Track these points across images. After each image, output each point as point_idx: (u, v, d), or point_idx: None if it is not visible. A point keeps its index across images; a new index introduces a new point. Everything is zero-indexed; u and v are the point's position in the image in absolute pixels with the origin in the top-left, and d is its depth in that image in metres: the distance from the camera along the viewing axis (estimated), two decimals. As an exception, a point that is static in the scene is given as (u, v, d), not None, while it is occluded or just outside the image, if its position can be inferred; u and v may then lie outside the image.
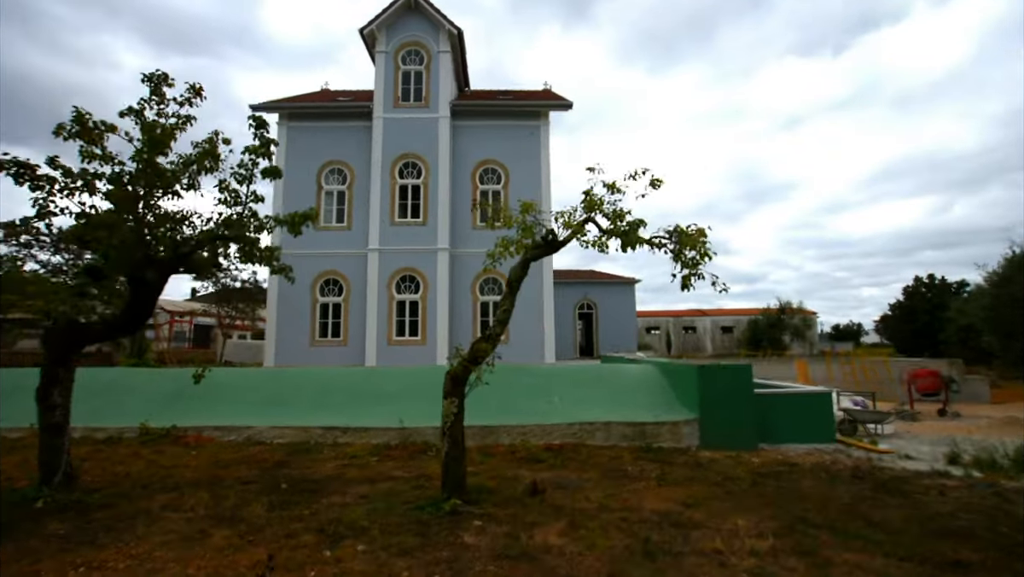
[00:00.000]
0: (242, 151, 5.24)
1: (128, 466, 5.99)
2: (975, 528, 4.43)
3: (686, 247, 4.67)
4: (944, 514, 4.80)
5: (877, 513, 4.82)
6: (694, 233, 4.72)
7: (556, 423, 7.79)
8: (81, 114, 4.64)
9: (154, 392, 8.70)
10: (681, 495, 5.29)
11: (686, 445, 7.77)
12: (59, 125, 4.54)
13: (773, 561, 3.69)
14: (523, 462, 6.65)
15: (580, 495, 5.24)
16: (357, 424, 7.72)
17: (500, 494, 5.15)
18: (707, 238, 5.02)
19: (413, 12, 17.76)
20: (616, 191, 5.04)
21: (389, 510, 4.58)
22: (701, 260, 4.68)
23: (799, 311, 32.17)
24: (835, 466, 6.80)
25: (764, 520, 4.55)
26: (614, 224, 4.88)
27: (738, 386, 7.92)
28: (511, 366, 11.06)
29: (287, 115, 17.52)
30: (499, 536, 4.04)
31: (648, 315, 54.98)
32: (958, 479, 6.13)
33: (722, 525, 4.41)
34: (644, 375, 9.45)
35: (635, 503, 5.01)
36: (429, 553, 3.70)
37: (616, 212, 4.91)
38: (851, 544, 4.04)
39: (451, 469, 4.80)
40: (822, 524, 4.47)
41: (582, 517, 4.53)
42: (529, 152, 17.82)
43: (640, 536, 4.12)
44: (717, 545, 3.94)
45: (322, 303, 16.86)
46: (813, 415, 8.40)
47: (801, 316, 31.73)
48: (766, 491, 5.52)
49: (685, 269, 4.71)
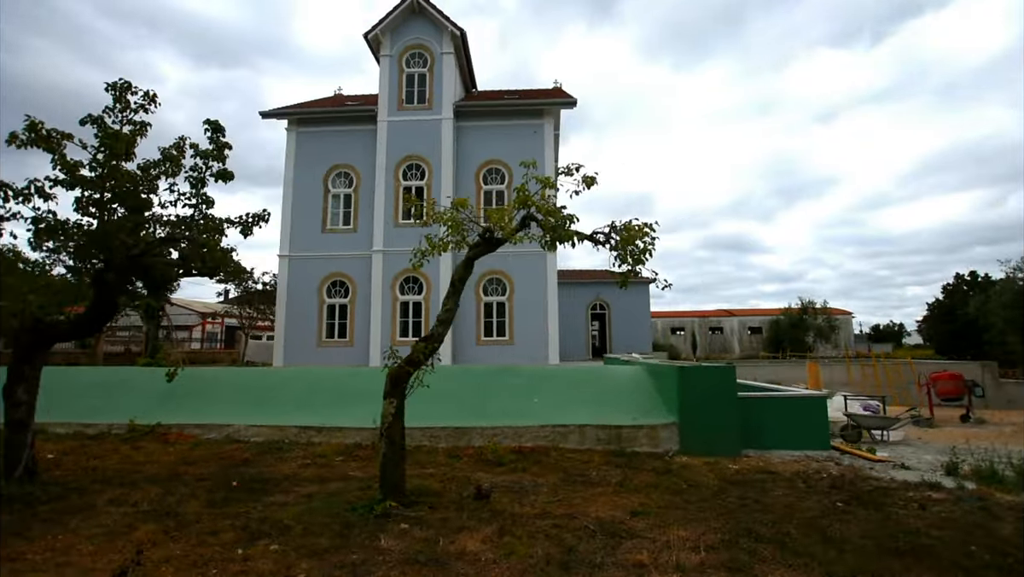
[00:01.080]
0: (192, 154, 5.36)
1: (102, 461, 6.22)
2: (942, 546, 4.07)
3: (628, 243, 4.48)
4: (913, 530, 4.43)
5: (839, 527, 4.49)
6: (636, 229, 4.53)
7: (529, 425, 7.65)
8: (34, 123, 4.84)
9: (148, 390, 9.03)
10: (633, 503, 5.09)
11: (664, 450, 7.49)
12: (12, 134, 4.75)
13: (693, 575, 3.48)
14: (486, 465, 6.55)
15: (527, 500, 5.11)
16: (332, 424, 7.80)
17: (444, 497, 5.08)
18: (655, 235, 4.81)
19: (416, 16, 17.91)
20: (551, 186, 4.89)
21: (323, 511, 4.58)
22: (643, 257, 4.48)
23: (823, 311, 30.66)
24: (818, 475, 6.41)
25: (709, 532, 4.31)
26: (547, 219, 4.73)
27: (721, 389, 7.58)
28: (495, 367, 10.99)
29: (295, 121, 17.98)
30: (418, 540, 3.97)
31: (672, 315, 53.78)
32: (947, 491, 5.67)
33: (660, 536, 4.20)
34: (631, 377, 9.19)
35: (581, 510, 4.84)
36: (338, 556, 3.67)
37: (548, 208, 4.77)
38: (792, 560, 3.77)
39: (388, 471, 4.76)
40: (771, 538, 4.20)
41: (516, 523, 4.41)
42: (532, 151, 17.67)
43: (566, 545, 3.97)
44: (642, 558, 3.75)
45: (329, 304, 17.20)
46: (806, 420, 7.97)
47: (825, 316, 30.20)
48: (727, 501, 5.24)
49: (625, 265, 4.52)
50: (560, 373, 9.64)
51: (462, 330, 16.93)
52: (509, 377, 9.32)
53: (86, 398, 8.67)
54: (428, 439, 7.62)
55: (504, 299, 17.12)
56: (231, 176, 5.57)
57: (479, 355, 16.66)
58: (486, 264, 17.42)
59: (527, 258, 17.11)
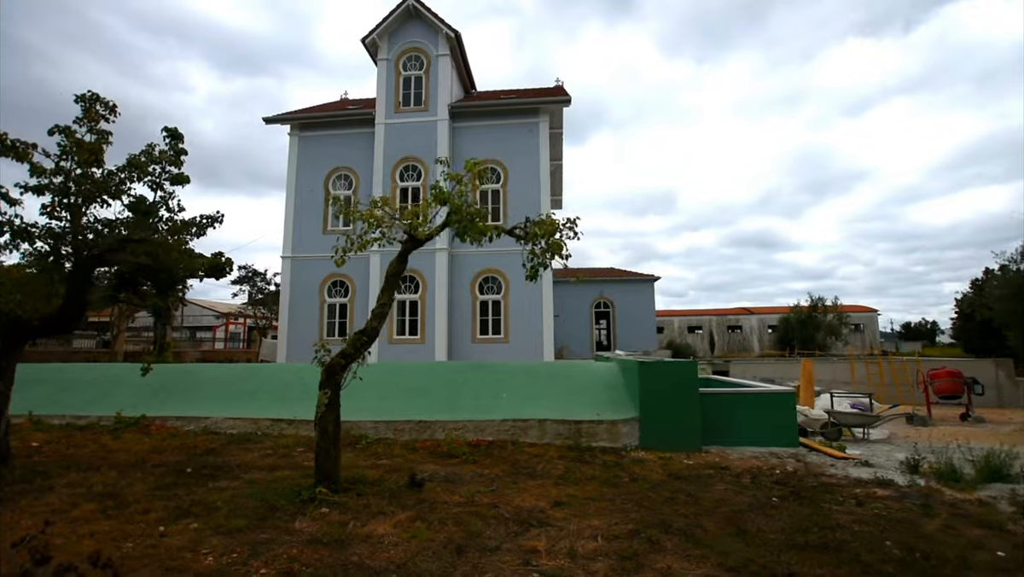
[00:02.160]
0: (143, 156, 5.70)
1: (79, 450, 6.66)
2: (856, 541, 4.03)
3: (543, 237, 4.57)
4: (834, 525, 4.38)
5: (759, 521, 4.49)
6: (550, 223, 4.61)
7: (491, 420, 7.79)
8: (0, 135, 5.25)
9: (139, 386, 9.49)
10: (563, 494, 5.17)
11: (623, 445, 7.51)
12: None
13: (582, 563, 3.57)
14: (440, 457, 6.72)
15: (460, 490, 5.25)
16: (302, 417, 8.08)
17: (379, 486, 5.26)
18: (578, 229, 4.88)
19: (413, 19, 18.23)
20: (463, 184, 5.01)
21: (257, 496, 4.83)
22: (554, 252, 4.56)
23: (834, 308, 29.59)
24: (770, 471, 6.34)
25: (622, 523, 4.37)
26: (459, 215, 4.86)
27: (681, 385, 7.56)
28: (469, 364, 11.15)
29: (298, 126, 18.54)
30: (331, 524, 4.16)
31: (690, 314, 52.94)
32: (895, 488, 5.55)
33: (570, 525, 4.28)
34: (601, 374, 9.21)
35: (507, 500, 4.96)
36: (248, 535, 3.89)
37: (458, 204, 4.89)
38: (692, 551, 3.81)
39: (320, 459, 4.98)
40: (682, 529, 4.23)
41: (434, 510, 4.56)
42: (527, 150, 17.79)
43: (472, 531, 4.10)
44: (539, 544, 3.85)
45: (329, 304, 17.69)
46: (773, 417, 7.86)
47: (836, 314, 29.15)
48: (661, 494, 5.26)
49: (535, 259, 4.61)
50: (532, 369, 9.73)
51: (458, 328, 17.17)
52: (481, 373, 9.46)
53: (81, 392, 9.22)
54: (392, 432, 7.84)
55: (500, 297, 17.27)
56: (187, 180, 5.89)
57: (475, 353, 16.85)
58: (482, 263, 17.62)
59: (522, 256, 17.20)
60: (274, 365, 11.39)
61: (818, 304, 29.84)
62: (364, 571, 3.39)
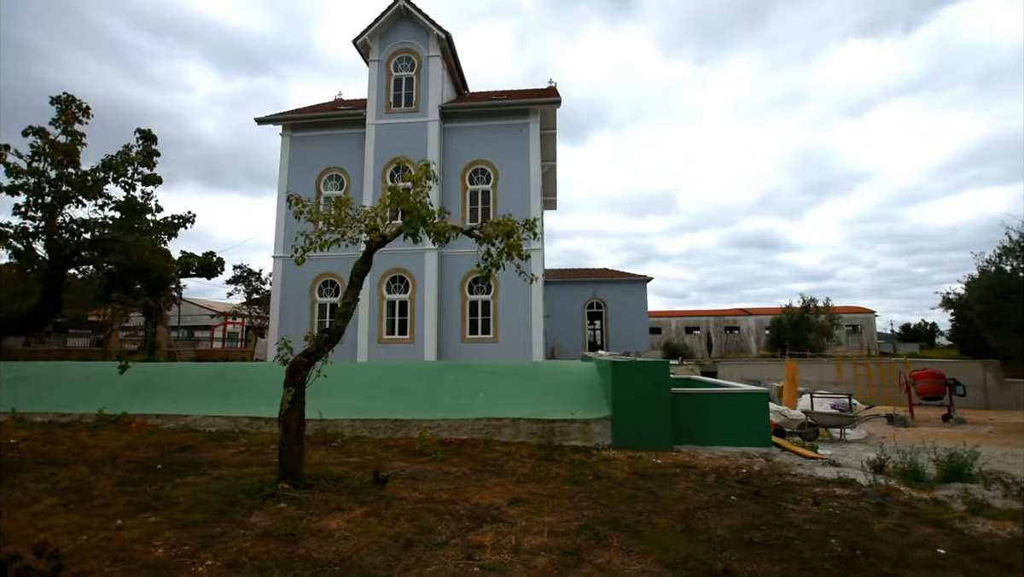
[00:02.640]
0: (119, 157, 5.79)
1: (55, 446, 6.76)
2: (801, 539, 4.10)
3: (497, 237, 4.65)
4: (786, 524, 4.44)
5: (711, 519, 4.55)
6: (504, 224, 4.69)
7: (466, 418, 7.87)
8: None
9: (125, 383, 9.60)
10: (523, 492, 5.25)
11: (595, 444, 7.59)
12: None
13: (525, 558, 3.64)
14: (410, 455, 6.80)
15: (422, 487, 5.33)
16: (282, 415, 8.19)
17: (343, 482, 5.35)
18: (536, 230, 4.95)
19: (404, 20, 18.34)
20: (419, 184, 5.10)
21: (220, 491, 4.92)
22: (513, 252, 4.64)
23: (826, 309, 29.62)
24: (737, 470, 6.41)
25: (574, 519, 4.44)
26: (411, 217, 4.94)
27: (653, 384, 7.63)
28: (450, 364, 11.23)
29: (290, 126, 18.66)
30: (286, 518, 4.25)
31: (688, 315, 53.00)
32: (855, 488, 5.62)
33: (522, 522, 4.36)
34: (578, 374, 9.29)
35: (466, 497, 5.04)
36: (203, 528, 3.98)
37: (412, 204, 4.97)
38: (636, 547, 3.88)
39: (284, 455, 5.07)
40: (631, 526, 4.31)
41: (391, 506, 4.64)
42: (518, 151, 17.87)
43: (424, 526, 4.18)
44: (485, 540, 3.93)
45: (320, 303, 17.80)
46: (746, 417, 7.92)
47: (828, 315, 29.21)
48: (622, 492, 5.34)
49: (488, 259, 4.69)
50: (512, 369, 9.81)
51: (448, 328, 17.25)
52: (461, 373, 9.55)
53: (66, 390, 9.33)
54: (369, 430, 7.93)
55: (489, 297, 17.35)
56: (159, 180, 5.99)
57: (464, 353, 16.93)
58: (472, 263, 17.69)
59: (512, 257, 17.29)
60: (257, 364, 11.49)
61: (810, 305, 29.90)
62: (309, 563, 3.47)
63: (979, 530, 4.28)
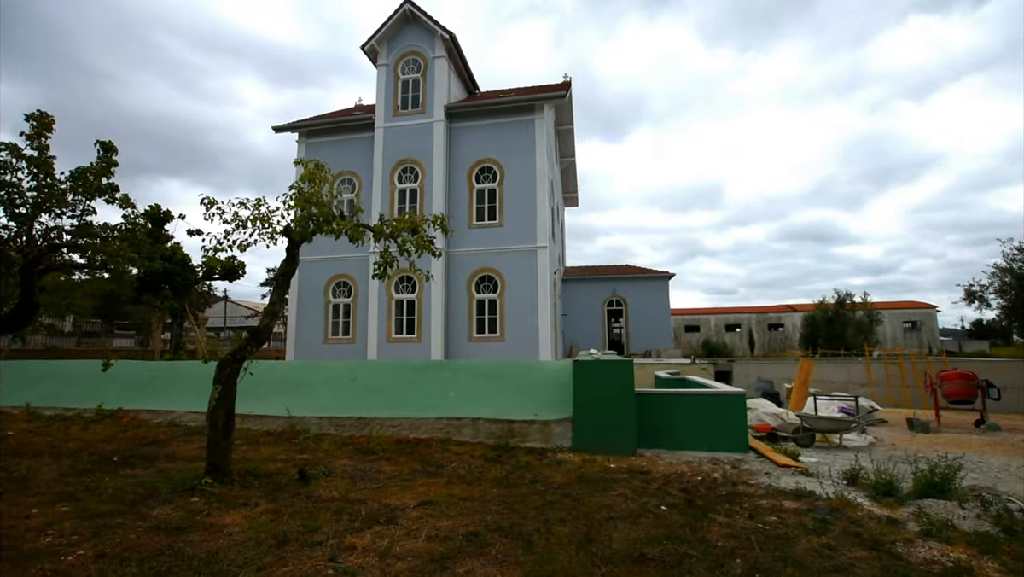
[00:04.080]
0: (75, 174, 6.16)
1: (41, 438, 7.30)
2: (703, 558, 3.76)
3: (397, 233, 4.56)
4: (700, 540, 4.08)
5: (621, 531, 4.25)
6: (405, 220, 4.60)
7: (427, 417, 7.83)
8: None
9: (132, 381, 10.29)
10: (443, 494, 5.14)
11: (554, 446, 7.35)
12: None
13: (388, 563, 3.55)
14: (360, 454, 6.84)
15: (344, 485, 5.32)
16: (259, 412, 8.48)
17: (270, 479, 5.44)
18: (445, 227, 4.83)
19: (410, 23, 18.56)
20: (316, 184, 5.06)
21: (150, 484, 5.12)
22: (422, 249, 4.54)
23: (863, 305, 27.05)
24: (691, 477, 6.01)
25: (472, 524, 4.28)
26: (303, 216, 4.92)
27: (616, 385, 7.29)
28: (428, 363, 11.21)
29: (305, 133, 19.35)
30: (189, 512, 4.36)
31: (727, 312, 50.68)
32: (807, 502, 5.11)
33: (416, 525, 4.25)
34: (555, 373, 9.02)
35: (380, 497, 4.99)
36: (105, 519, 4.15)
37: (316, 202, 4.94)
38: (511, 557, 3.68)
39: (210, 450, 5.21)
40: (525, 534, 4.09)
41: (296, 503, 4.67)
42: (523, 148, 17.67)
43: (314, 525, 4.17)
44: (360, 542, 3.87)
45: (334, 304, 18.34)
46: (719, 420, 7.44)
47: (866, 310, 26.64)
48: (545, 498, 5.09)
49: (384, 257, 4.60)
50: (488, 368, 9.67)
51: (455, 327, 17.32)
52: (438, 372, 9.53)
53: (78, 387, 10.08)
54: (335, 428, 8.05)
55: (496, 296, 17.27)
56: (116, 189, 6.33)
57: (471, 352, 16.95)
58: (478, 262, 17.69)
59: (518, 256, 17.16)
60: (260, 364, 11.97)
61: (845, 300, 27.53)
62: (175, 556, 3.54)
63: (920, 555, 3.77)
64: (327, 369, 10.14)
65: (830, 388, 15.39)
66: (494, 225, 17.63)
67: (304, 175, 5.38)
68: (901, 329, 40.25)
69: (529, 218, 17.29)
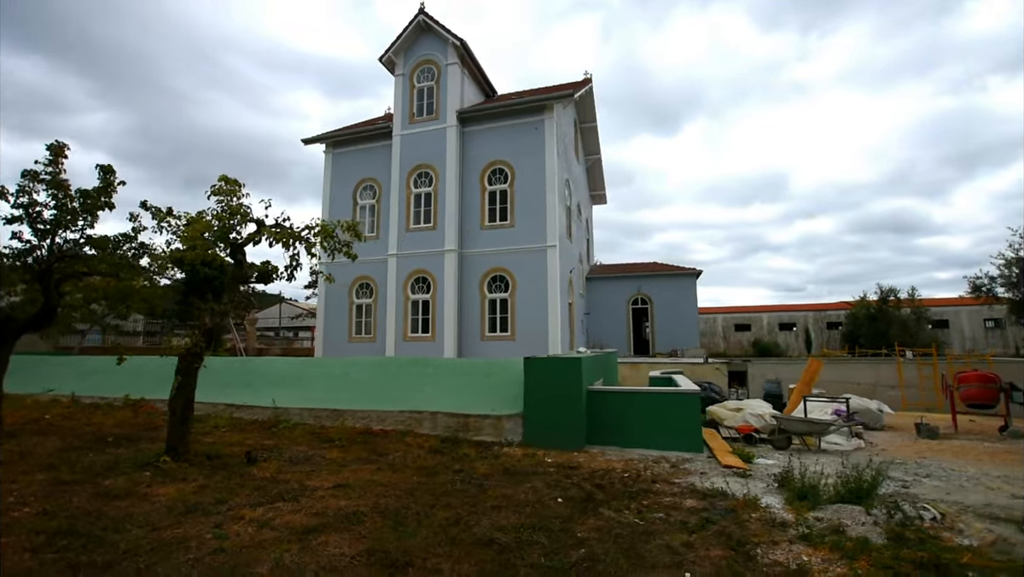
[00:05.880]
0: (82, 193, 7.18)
1: (69, 421, 8.54)
2: (541, 543, 3.91)
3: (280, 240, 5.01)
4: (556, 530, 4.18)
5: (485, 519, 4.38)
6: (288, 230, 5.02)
7: (391, 410, 8.32)
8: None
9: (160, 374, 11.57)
10: (363, 479, 5.56)
11: (505, 440, 7.58)
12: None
13: (258, 533, 4.00)
14: (320, 442, 7.42)
15: (276, 467, 5.89)
16: (251, 403, 9.35)
17: (220, 460, 6.10)
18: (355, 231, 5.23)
19: (424, 33, 19.28)
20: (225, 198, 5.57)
21: (120, 460, 5.94)
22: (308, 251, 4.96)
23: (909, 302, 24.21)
24: (619, 473, 6.07)
25: (359, 506, 4.61)
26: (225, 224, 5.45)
27: (565, 382, 7.40)
28: (413, 359, 11.69)
29: (331, 144, 20.61)
30: (133, 483, 5.07)
31: (781, 309, 47.80)
32: (712, 501, 5.04)
33: (312, 504, 4.69)
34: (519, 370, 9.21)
35: (305, 480, 5.47)
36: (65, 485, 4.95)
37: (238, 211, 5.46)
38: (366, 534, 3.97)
39: (169, 433, 5.96)
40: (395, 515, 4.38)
41: (225, 481, 5.27)
42: (533, 148, 17.84)
43: (221, 499, 4.72)
44: (249, 514, 4.35)
45: (357, 304, 19.43)
46: (672, 418, 7.35)
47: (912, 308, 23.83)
48: (455, 486, 5.36)
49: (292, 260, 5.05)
50: (467, 366, 10.02)
51: (468, 325, 17.81)
52: (420, 369, 10.01)
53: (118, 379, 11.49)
54: (313, 418, 8.74)
55: (507, 296, 17.58)
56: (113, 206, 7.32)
57: (484, 350, 17.37)
58: (490, 262, 18.08)
59: (529, 255, 17.37)
60: (255, 360, 13.04)
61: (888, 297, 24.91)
62: (96, 515, 4.19)
63: (773, 558, 3.71)
64: (325, 365, 10.93)
65: (857, 390, 14.35)
66: (505, 226, 17.93)
67: (214, 190, 5.98)
68: (982, 328, 36.16)
69: (539, 218, 17.44)
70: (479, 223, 18.24)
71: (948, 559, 3.62)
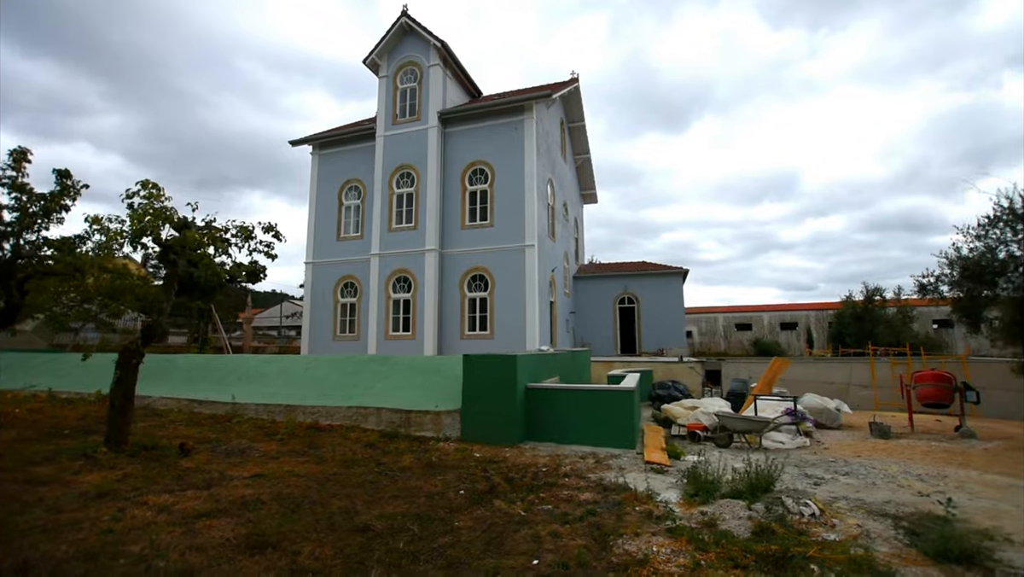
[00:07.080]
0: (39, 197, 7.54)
1: (36, 415, 8.92)
2: (411, 530, 4.12)
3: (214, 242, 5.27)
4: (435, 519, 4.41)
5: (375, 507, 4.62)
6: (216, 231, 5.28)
7: (340, 406, 8.57)
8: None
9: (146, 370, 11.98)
10: (283, 470, 5.82)
11: (443, 435, 7.79)
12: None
13: (156, 515, 4.27)
14: (265, 435, 7.71)
15: (206, 458, 6.17)
16: (212, 398, 9.69)
17: (156, 451, 6.40)
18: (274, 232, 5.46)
19: (408, 35, 19.54)
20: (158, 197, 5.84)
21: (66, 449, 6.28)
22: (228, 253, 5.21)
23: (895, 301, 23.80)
24: (536, 468, 6.24)
25: (262, 493, 4.89)
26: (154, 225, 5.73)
27: (501, 379, 7.59)
28: (373, 357, 11.93)
29: (318, 145, 20.98)
30: (63, 470, 5.39)
31: (784, 308, 47.34)
32: (607, 495, 5.21)
33: (223, 492, 4.96)
34: (474, 367, 9.41)
35: (227, 470, 5.77)
36: (3, 473, 5.26)
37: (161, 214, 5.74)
38: (252, 518, 4.26)
39: (108, 425, 6.27)
40: (294, 502, 4.67)
41: (151, 470, 5.56)
42: (513, 148, 18.00)
43: (138, 487, 5.01)
44: (157, 501, 4.63)
45: (342, 303, 19.78)
46: (607, 416, 7.51)
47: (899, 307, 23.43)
48: (367, 478, 5.58)
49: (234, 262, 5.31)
50: (422, 364, 10.24)
51: (448, 324, 18.06)
52: (377, 366, 10.26)
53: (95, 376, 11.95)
54: (267, 413, 9.03)
55: (486, 295, 17.78)
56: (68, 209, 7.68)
57: (464, 348, 17.58)
58: (470, 262, 18.30)
59: (507, 255, 17.54)
60: (224, 357, 13.41)
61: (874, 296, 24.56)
62: (12, 498, 4.49)
63: (626, 548, 3.86)
64: (285, 362, 11.24)
65: (831, 389, 14.31)
66: (485, 225, 18.13)
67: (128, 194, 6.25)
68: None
69: (518, 217, 17.61)
70: (459, 223, 18.46)
71: (797, 552, 3.74)
